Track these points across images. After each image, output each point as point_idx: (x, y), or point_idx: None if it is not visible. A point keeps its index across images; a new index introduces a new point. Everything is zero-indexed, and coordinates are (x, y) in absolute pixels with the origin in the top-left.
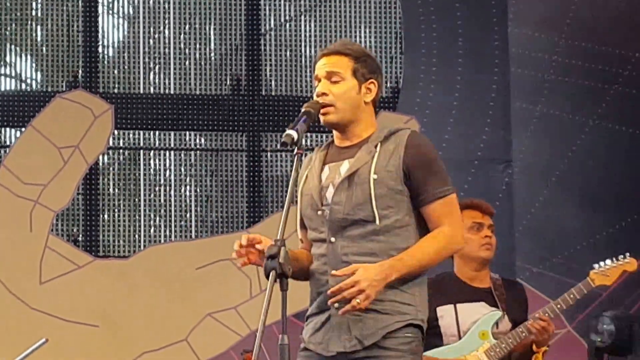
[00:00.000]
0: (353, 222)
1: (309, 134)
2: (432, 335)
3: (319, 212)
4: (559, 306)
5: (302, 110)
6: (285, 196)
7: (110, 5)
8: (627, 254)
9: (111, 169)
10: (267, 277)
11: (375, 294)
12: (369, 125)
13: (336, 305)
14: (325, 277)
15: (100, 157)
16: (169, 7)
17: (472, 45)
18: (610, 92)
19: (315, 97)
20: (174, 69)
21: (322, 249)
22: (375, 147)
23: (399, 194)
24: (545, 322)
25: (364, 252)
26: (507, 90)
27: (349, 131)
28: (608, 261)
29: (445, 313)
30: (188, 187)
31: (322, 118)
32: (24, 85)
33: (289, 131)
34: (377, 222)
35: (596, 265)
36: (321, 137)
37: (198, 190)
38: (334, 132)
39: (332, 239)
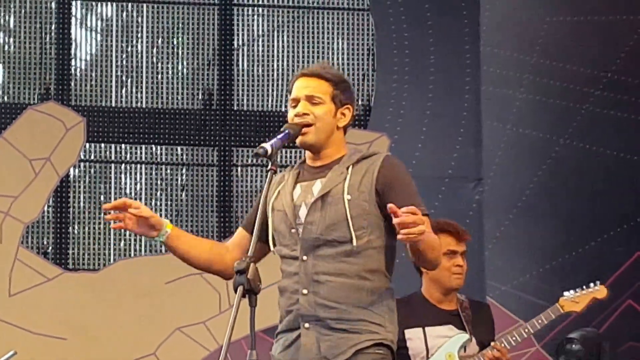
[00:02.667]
0: (326, 242)
1: (284, 150)
2: (401, 358)
3: (293, 230)
4: (526, 330)
5: (282, 128)
6: None
7: (83, 18)
8: (598, 282)
9: (82, 181)
10: (236, 292)
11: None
12: (340, 149)
13: (306, 325)
14: (297, 296)
15: (71, 170)
16: (141, 21)
17: (444, 63)
18: (582, 111)
19: (293, 117)
20: (146, 82)
21: (294, 267)
22: (347, 168)
23: (371, 215)
24: (499, 352)
25: (334, 272)
26: (478, 108)
27: (322, 152)
28: (578, 288)
29: (413, 336)
30: (159, 201)
31: (299, 138)
32: None
33: (263, 144)
34: (354, 242)
35: (566, 293)
36: (295, 153)
37: (169, 204)
38: (307, 152)
39: (304, 257)
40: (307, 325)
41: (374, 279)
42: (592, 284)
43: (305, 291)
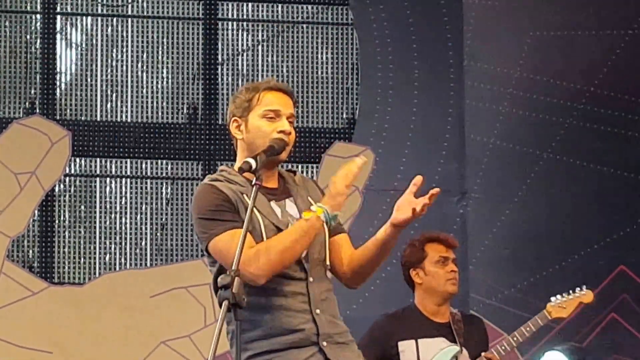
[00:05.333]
0: (319, 262)
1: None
2: None
3: None
4: (515, 339)
5: (268, 144)
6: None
7: (68, 33)
8: (584, 286)
9: (67, 195)
10: (221, 306)
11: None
12: None
13: (324, 343)
14: (306, 316)
15: (57, 184)
16: (126, 35)
17: (428, 77)
18: (565, 125)
19: (273, 131)
20: (131, 96)
21: (299, 287)
22: (304, 190)
23: None
24: None
25: (327, 289)
26: (461, 122)
27: (273, 171)
28: (565, 294)
29: (406, 348)
30: (143, 215)
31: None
32: None
33: (247, 159)
34: (328, 261)
35: (553, 298)
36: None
37: (153, 218)
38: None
39: (311, 279)
40: (324, 343)
41: None
42: (577, 289)
43: (318, 311)
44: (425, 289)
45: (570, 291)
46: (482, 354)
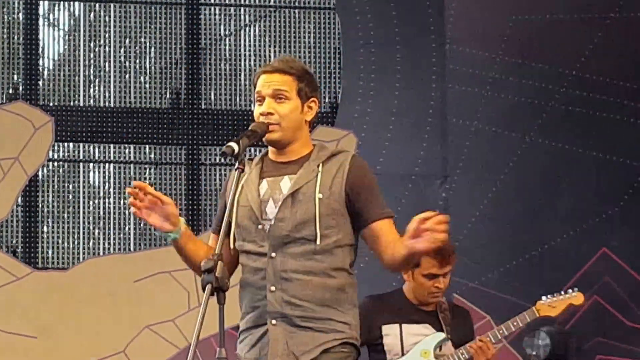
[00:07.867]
0: (295, 240)
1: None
2: (376, 352)
3: (259, 226)
4: (501, 332)
5: (249, 128)
6: None
7: (51, 18)
8: (576, 289)
9: (51, 181)
10: (204, 290)
11: None
12: (306, 143)
13: (273, 322)
14: (263, 292)
15: (40, 169)
16: (109, 20)
17: (410, 61)
18: (547, 108)
19: (259, 115)
20: (114, 82)
21: (260, 263)
22: (318, 166)
23: (341, 216)
24: (484, 344)
25: (302, 270)
26: (443, 106)
27: (288, 148)
28: (556, 294)
29: (390, 331)
30: (127, 200)
31: (266, 136)
32: None
33: (230, 143)
34: (318, 241)
35: (544, 297)
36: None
37: None
38: (271, 147)
39: (273, 254)
40: (274, 321)
41: (339, 276)
42: (570, 290)
43: (273, 288)
44: (412, 288)
45: (562, 292)
46: (477, 337)
